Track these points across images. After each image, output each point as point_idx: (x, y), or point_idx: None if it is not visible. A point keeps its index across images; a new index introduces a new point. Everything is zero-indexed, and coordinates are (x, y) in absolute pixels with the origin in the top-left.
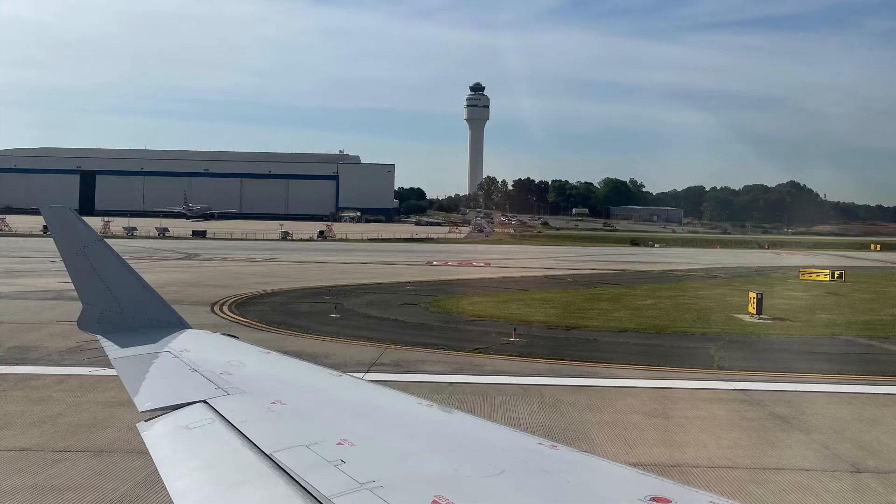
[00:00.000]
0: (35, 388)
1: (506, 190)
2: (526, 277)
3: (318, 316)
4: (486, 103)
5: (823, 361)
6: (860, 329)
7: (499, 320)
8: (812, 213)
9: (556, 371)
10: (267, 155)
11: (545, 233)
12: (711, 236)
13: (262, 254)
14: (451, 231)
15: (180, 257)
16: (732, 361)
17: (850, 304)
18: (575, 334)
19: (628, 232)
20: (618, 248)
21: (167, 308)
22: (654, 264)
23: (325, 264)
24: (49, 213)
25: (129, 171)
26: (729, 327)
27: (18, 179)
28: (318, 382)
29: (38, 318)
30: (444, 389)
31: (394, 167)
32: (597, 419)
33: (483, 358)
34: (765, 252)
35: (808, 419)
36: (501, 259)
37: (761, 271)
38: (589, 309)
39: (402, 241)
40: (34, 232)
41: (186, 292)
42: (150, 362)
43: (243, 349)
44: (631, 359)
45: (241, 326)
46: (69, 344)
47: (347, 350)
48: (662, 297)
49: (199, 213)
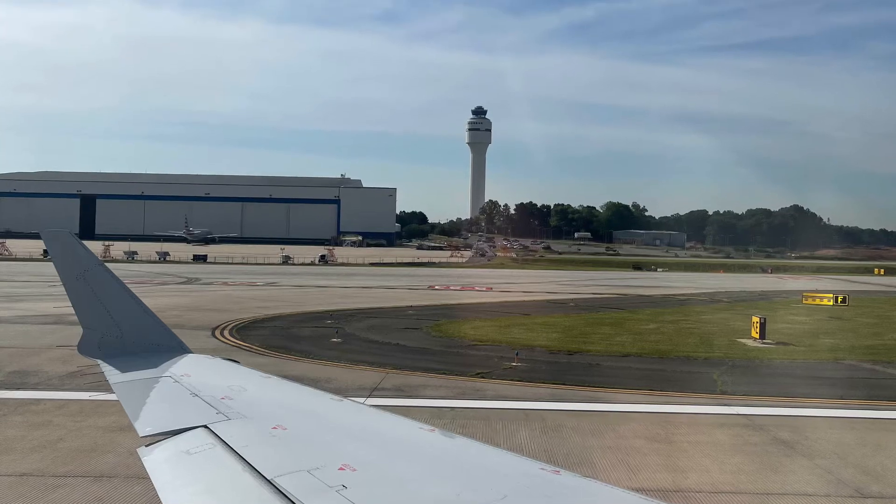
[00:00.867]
0: (35, 413)
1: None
2: (528, 302)
3: (320, 340)
4: (487, 127)
5: (827, 386)
6: (864, 354)
7: (501, 345)
8: (815, 238)
9: (559, 396)
10: (268, 179)
11: (547, 257)
12: (714, 260)
13: (263, 278)
14: (453, 255)
15: (181, 282)
16: (735, 386)
17: (853, 329)
18: (577, 359)
19: (631, 256)
20: (620, 272)
21: (168, 332)
22: (656, 289)
23: (326, 289)
24: (49, 237)
25: (130, 195)
26: (732, 352)
27: (18, 203)
28: (320, 407)
29: (39, 343)
30: (445, 414)
31: (395, 191)
32: (599, 444)
33: (485, 382)
34: (768, 276)
35: (811, 444)
36: (503, 283)
37: (764, 296)
38: (591, 333)
39: (404, 266)
40: (34, 256)
41: (187, 317)
42: (150, 387)
43: (244, 374)
44: (633, 383)
45: (242, 351)
46: (69, 368)
47: (349, 375)
48: (665, 321)
49: (200, 238)
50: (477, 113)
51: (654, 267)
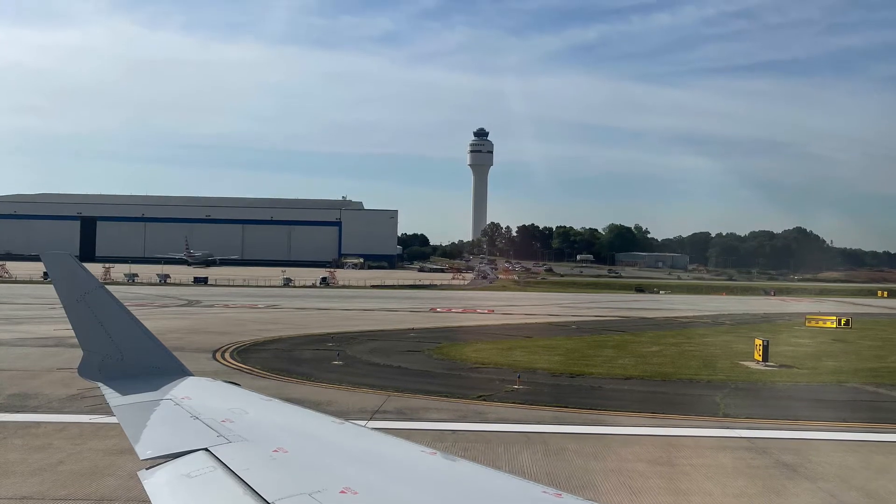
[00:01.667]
0: (35, 436)
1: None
2: (530, 324)
3: (321, 363)
4: (489, 148)
5: (830, 409)
6: (867, 376)
7: (502, 367)
8: (818, 260)
9: (561, 418)
10: (269, 201)
11: (549, 279)
12: (717, 283)
13: (263, 300)
14: (455, 277)
15: (182, 304)
16: (738, 409)
17: (856, 352)
18: (579, 381)
19: (633, 278)
20: (623, 294)
21: (168, 355)
22: (659, 311)
23: (327, 311)
24: (49, 259)
25: (130, 217)
26: (734, 375)
27: (19, 225)
28: (321, 430)
29: (39, 366)
30: (447, 437)
31: (397, 213)
32: (601, 467)
33: (486, 405)
34: (770, 299)
35: (814, 467)
36: (505, 306)
37: (767, 318)
38: (593, 356)
39: (405, 288)
40: (34, 278)
41: (188, 339)
42: (151, 410)
43: (245, 396)
44: (636, 406)
45: (243, 373)
46: (70, 391)
47: (350, 397)
48: (667, 344)
49: (201, 260)
50: (479, 135)
51: (657, 289)
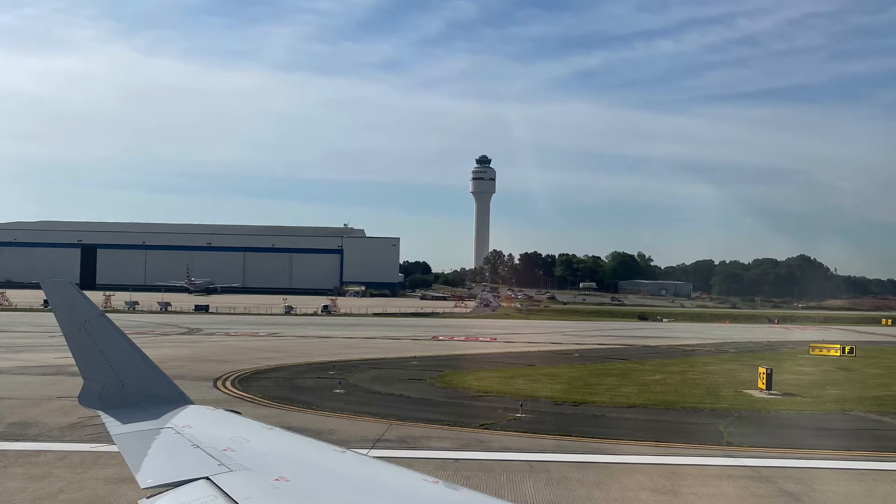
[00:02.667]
0: (36, 465)
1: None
2: (532, 352)
3: (322, 391)
4: (492, 176)
5: (834, 437)
6: (871, 405)
7: (505, 396)
8: (822, 288)
9: (563, 447)
10: (270, 228)
11: (552, 307)
12: (720, 311)
13: (265, 328)
14: (457, 305)
15: (182, 332)
16: (742, 437)
17: (860, 380)
18: (582, 410)
19: (636, 306)
20: (626, 322)
21: (169, 383)
22: (662, 339)
23: (329, 339)
24: (50, 287)
25: (131, 244)
26: (738, 403)
27: (19, 253)
28: (323, 459)
29: (39, 394)
30: (449, 466)
31: (399, 241)
32: (604, 496)
33: (489, 434)
34: (774, 327)
35: (818, 496)
36: (507, 334)
37: (771, 346)
38: (596, 384)
39: (408, 316)
40: (35, 306)
41: (188, 367)
42: (152, 438)
43: (246, 425)
44: (639, 435)
45: (244, 402)
46: (70, 420)
47: (352, 426)
48: (671, 372)
49: (202, 288)
50: (481, 162)
51: (660, 317)
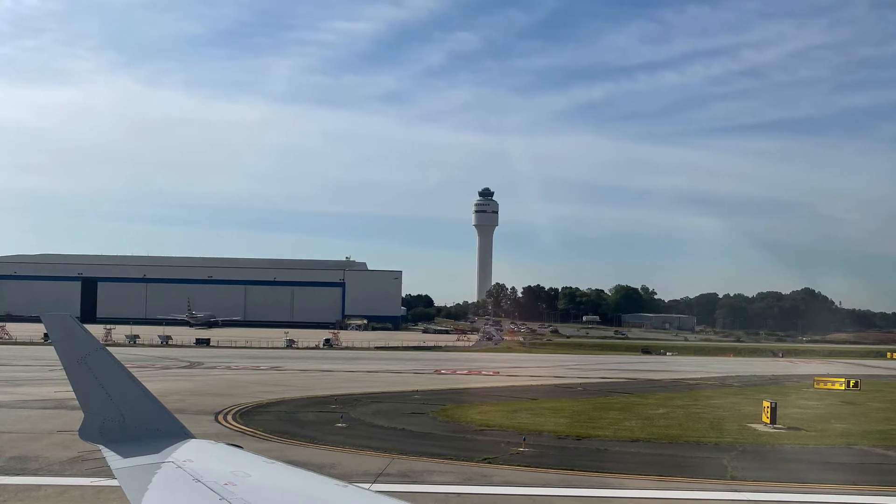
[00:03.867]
0: (36, 499)
1: (515, 297)
2: (535, 386)
3: (324, 425)
4: (494, 209)
5: (838, 472)
6: (876, 439)
7: (508, 430)
8: (827, 321)
9: (567, 481)
10: (271, 262)
11: (555, 341)
12: (725, 344)
13: (266, 362)
14: (460, 339)
15: (183, 366)
16: (746, 472)
17: (865, 414)
18: (585, 444)
19: (640, 340)
20: (629, 356)
21: (170, 417)
22: (666, 373)
23: (330, 373)
24: (50, 320)
25: (131, 278)
26: (742, 437)
27: (19, 286)
28: (324, 493)
29: (39, 428)
30: (451, 500)
31: (401, 274)
32: None
33: (492, 468)
34: (779, 360)
35: None
36: (510, 367)
37: (775, 380)
38: (600, 418)
39: (410, 350)
40: (35, 340)
41: (190, 401)
42: (153, 472)
43: (247, 459)
44: (642, 469)
45: (246, 436)
46: (70, 454)
47: (354, 460)
48: (675, 406)
49: (203, 321)
50: (484, 194)
51: (664, 351)
